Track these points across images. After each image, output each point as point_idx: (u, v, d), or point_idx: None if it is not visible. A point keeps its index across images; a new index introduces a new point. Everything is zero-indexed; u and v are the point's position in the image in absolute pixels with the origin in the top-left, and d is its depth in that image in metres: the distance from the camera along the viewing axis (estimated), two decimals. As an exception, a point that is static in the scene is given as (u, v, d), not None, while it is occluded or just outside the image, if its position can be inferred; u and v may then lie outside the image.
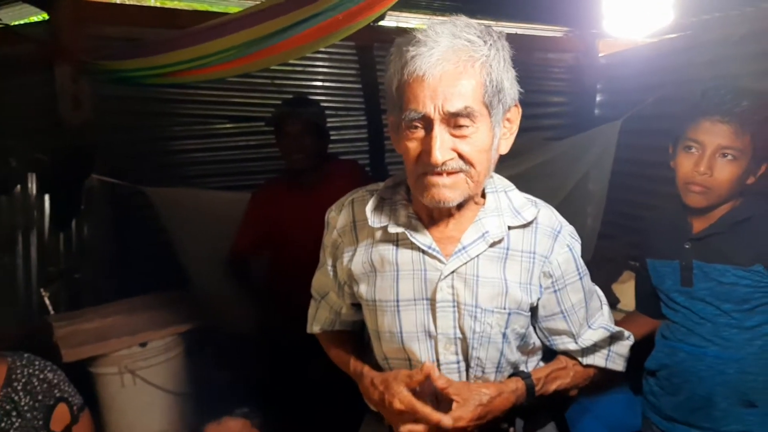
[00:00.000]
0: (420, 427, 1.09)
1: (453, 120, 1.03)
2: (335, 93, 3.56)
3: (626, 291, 2.51)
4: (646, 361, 1.67)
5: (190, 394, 2.30)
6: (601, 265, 2.81)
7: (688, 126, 1.50)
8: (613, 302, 2.54)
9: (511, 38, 1.10)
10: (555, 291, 1.21)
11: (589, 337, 1.26)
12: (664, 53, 3.20)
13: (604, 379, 1.33)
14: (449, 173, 1.05)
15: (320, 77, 3.52)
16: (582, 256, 1.26)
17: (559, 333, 1.25)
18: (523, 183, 1.28)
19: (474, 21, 1.07)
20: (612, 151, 3.23)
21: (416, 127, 1.05)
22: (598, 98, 3.94)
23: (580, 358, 1.28)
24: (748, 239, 1.45)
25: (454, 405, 1.10)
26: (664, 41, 3.29)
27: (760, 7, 2.57)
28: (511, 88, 1.09)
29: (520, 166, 2.99)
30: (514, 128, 1.15)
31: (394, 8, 3.39)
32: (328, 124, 3.04)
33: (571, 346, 1.26)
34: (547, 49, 3.83)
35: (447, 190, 1.06)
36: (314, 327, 1.43)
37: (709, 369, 1.50)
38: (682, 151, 1.52)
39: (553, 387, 1.22)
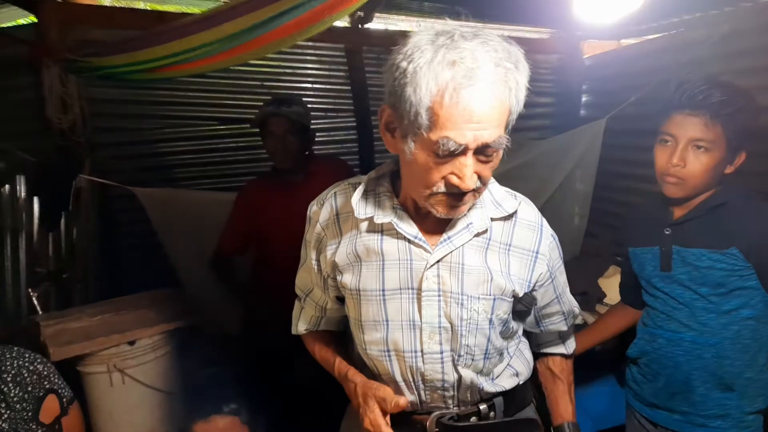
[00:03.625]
0: None
1: (484, 149, 1.02)
2: (325, 95, 3.58)
3: (612, 285, 2.55)
4: (627, 349, 1.71)
5: (179, 392, 2.30)
6: (588, 261, 2.85)
7: (663, 120, 1.54)
8: (599, 297, 2.58)
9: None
10: (552, 280, 1.29)
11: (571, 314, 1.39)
12: (647, 54, 3.25)
13: None
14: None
15: (310, 79, 3.54)
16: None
17: (552, 315, 1.35)
18: (510, 182, 1.34)
19: (504, 39, 1.01)
20: (597, 149, 3.28)
21: (446, 154, 1.01)
22: (583, 99, 4.00)
23: (566, 345, 1.43)
24: (724, 223, 1.49)
25: None
26: (646, 42, 3.34)
27: (739, 7, 2.63)
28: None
29: (507, 165, 3.03)
30: None
31: (382, 11, 3.45)
32: (318, 126, 3.03)
33: (562, 326, 1.37)
34: (533, 50, 3.86)
35: (463, 206, 1.09)
36: (300, 327, 1.43)
37: (687, 354, 1.54)
38: (658, 144, 1.56)
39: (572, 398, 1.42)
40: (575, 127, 3.41)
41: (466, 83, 0.95)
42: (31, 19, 2.90)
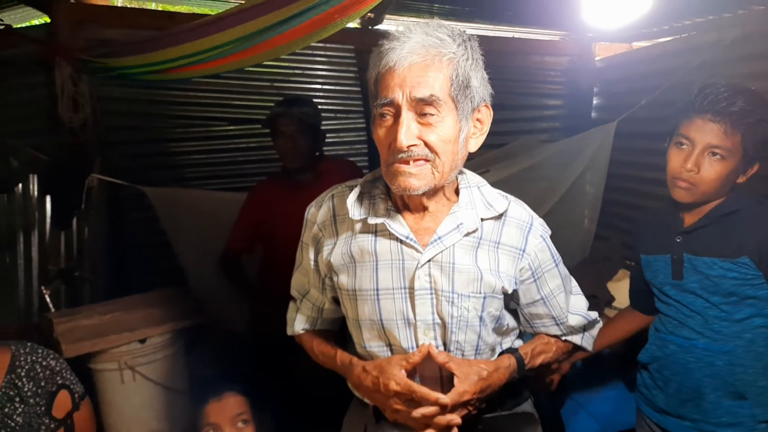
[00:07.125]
0: (432, 408, 1.12)
1: (419, 107, 1.09)
2: (334, 96, 3.59)
3: (621, 289, 2.53)
4: (639, 355, 1.70)
5: (189, 390, 2.31)
6: (598, 264, 2.84)
7: (682, 122, 1.52)
8: (608, 300, 2.56)
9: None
10: (535, 280, 1.28)
11: (569, 322, 1.34)
12: (659, 56, 3.23)
13: (573, 353, 1.43)
14: (415, 160, 1.11)
15: (319, 80, 3.55)
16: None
17: (540, 317, 1.33)
18: (520, 183, 1.33)
19: (448, 23, 1.15)
20: (607, 152, 3.26)
21: (386, 115, 1.12)
22: (594, 101, 3.97)
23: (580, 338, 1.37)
24: (734, 232, 1.47)
25: (456, 380, 1.15)
26: (658, 44, 3.33)
27: (752, 10, 2.61)
28: (481, 87, 1.16)
29: (516, 167, 3.02)
30: (485, 128, 1.21)
31: (392, 12, 3.45)
32: (328, 127, 3.03)
33: (553, 330, 1.35)
34: (544, 52, 3.84)
35: (413, 178, 1.12)
36: (296, 326, 1.45)
37: (699, 361, 1.52)
38: (673, 145, 1.54)
39: (539, 361, 1.31)
40: (586, 130, 3.40)
41: (392, 46, 1.10)
42: (45, 19, 2.93)
